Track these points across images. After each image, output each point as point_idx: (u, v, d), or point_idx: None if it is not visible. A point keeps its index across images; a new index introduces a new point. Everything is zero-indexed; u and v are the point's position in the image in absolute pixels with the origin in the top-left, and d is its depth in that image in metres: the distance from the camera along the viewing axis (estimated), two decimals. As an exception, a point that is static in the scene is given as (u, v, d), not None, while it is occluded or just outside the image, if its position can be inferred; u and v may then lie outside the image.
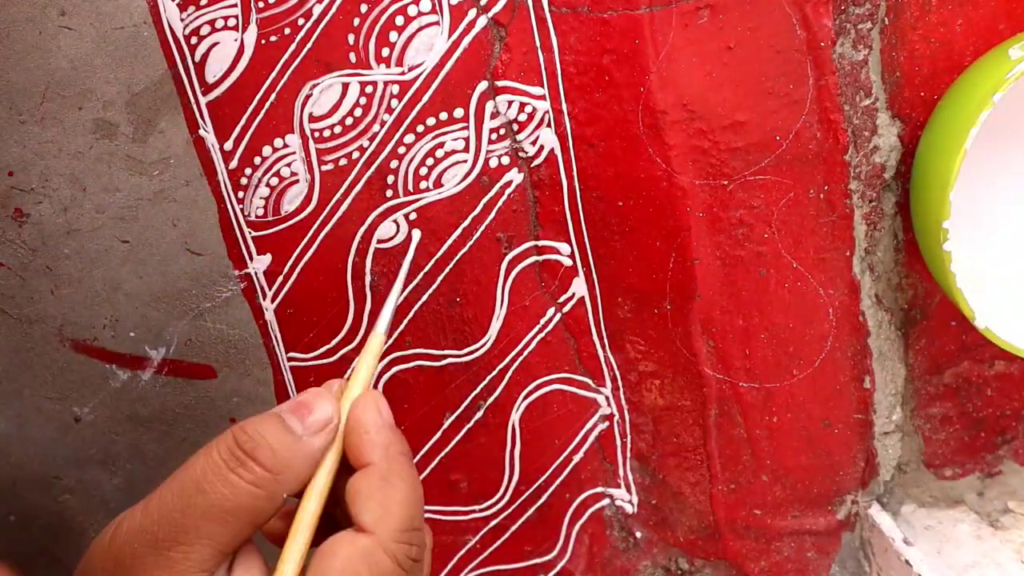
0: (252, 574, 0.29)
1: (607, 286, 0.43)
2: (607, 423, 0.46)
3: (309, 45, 0.38)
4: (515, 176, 0.41)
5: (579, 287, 0.43)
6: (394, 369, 0.43)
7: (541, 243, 0.42)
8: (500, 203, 0.41)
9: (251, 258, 0.41)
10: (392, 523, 0.29)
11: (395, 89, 0.39)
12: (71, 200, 0.39)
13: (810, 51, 0.38)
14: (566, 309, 0.43)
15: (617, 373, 0.45)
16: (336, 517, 0.32)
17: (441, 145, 0.40)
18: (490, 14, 0.38)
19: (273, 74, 0.38)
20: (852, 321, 0.43)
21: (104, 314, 0.41)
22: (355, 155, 0.40)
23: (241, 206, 0.40)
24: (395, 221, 0.41)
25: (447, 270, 0.42)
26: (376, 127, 0.39)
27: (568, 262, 0.42)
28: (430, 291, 0.42)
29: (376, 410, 0.31)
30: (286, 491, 0.29)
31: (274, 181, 0.40)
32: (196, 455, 0.29)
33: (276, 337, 0.42)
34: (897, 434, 0.46)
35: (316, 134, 0.39)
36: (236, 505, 0.28)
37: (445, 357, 0.43)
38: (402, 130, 0.40)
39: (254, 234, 0.41)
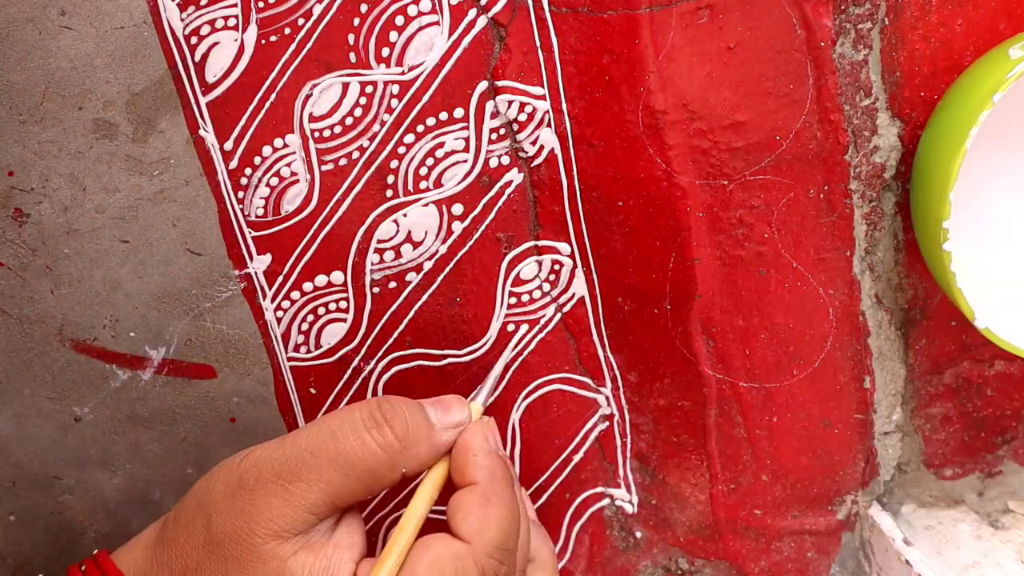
0: (353, 538, 0.31)
1: (607, 286, 0.43)
2: (607, 423, 0.46)
3: (309, 45, 0.38)
4: (515, 176, 0.41)
5: (579, 287, 0.43)
6: (394, 369, 0.43)
7: (541, 243, 0.42)
8: (500, 203, 0.41)
9: (251, 258, 0.41)
10: (487, 538, 0.31)
11: (395, 89, 0.39)
12: (71, 200, 0.39)
13: (810, 51, 0.38)
14: (566, 309, 0.43)
15: (617, 373, 0.45)
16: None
17: (441, 145, 0.40)
18: (490, 14, 0.38)
19: (273, 74, 0.38)
20: (852, 321, 0.43)
21: (104, 314, 0.41)
22: (355, 155, 0.40)
23: (241, 206, 0.40)
24: (395, 221, 0.41)
25: (447, 270, 0.42)
26: (376, 127, 0.39)
27: (568, 262, 0.42)
28: (430, 291, 0.42)
29: (483, 437, 0.34)
30: (406, 467, 0.32)
31: (274, 181, 0.40)
32: (335, 412, 0.32)
33: (276, 337, 0.42)
34: (897, 434, 0.46)
35: (316, 134, 0.39)
36: (361, 460, 0.30)
37: (445, 357, 0.43)
38: (402, 130, 0.40)
39: (254, 234, 0.41)
